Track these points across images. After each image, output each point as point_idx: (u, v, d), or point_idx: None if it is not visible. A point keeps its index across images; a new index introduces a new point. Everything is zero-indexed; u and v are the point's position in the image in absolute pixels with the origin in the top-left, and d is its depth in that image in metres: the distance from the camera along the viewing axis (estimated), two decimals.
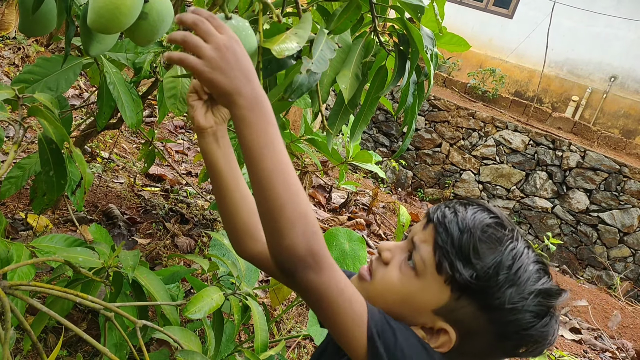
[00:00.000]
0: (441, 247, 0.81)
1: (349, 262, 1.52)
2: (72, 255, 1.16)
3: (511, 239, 0.81)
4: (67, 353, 1.63)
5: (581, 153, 7.18)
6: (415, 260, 0.83)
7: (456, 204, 0.86)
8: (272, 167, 0.72)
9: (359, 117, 1.37)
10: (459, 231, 0.80)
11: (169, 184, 3.47)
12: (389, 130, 8.18)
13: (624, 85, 8.34)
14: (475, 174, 7.71)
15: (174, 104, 1.42)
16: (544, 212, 7.34)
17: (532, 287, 0.80)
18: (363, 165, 1.97)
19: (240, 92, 0.74)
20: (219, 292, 1.20)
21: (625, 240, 6.96)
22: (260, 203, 0.73)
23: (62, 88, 1.52)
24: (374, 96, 1.33)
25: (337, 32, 1.15)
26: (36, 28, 1.14)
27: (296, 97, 0.93)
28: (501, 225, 0.83)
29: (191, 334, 1.07)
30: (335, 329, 0.75)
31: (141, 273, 1.20)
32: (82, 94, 4.61)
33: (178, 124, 5.15)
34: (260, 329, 1.22)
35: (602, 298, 5.15)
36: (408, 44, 1.25)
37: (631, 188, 6.90)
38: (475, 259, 0.78)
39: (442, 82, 8.95)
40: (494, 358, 0.87)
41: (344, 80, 1.17)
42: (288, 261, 0.70)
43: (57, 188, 1.20)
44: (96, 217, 2.56)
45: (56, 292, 0.82)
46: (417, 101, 1.39)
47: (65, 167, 1.19)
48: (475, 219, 0.82)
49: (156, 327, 0.97)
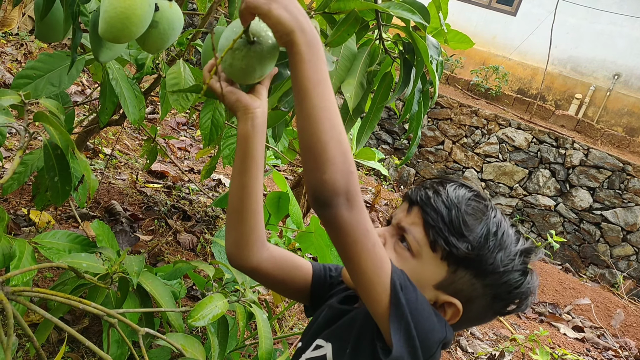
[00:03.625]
0: (433, 226, 0.85)
1: None
2: (77, 260, 1.15)
3: (491, 208, 0.89)
4: (69, 349, 1.63)
5: (584, 151, 7.15)
6: (410, 241, 0.87)
7: (433, 183, 0.91)
8: (322, 104, 0.75)
9: (365, 124, 1.37)
10: (446, 208, 0.85)
11: (172, 180, 3.47)
12: (391, 128, 8.16)
13: (628, 83, 8.31)
14: (478, 172, 7.69)
15: (177, 100, 1.41)
16: (546, 210, 7.32)
17: (515, 248, 0.87)
18: (366, 162, 1.97)
19: (303, 29, 0.75)
20: (223, 299, 1.19)
21: (628, 239, 6.94)
22: (305, 139, 0.75)
23: (65, 84, 1.51)
24: (379, 104, 1.33)
25: (334, 45, 1.13)
26: (50, 34, 1.15)
27: (289, 107, 0.93)
28: (480, 197, 0.89)
29: (195, 340, 1.07)
30: (357, 270, 0.78)
31: (146, 278, 1.20)
32: (84, 91, 4.61)
33: (180, 120, 5.15)
34: (265, 337, 1.21)
35: (604, 296, 5.14)
36: (413, 53, 1.24)
37: (635, 186, 6.87)
38: (467, 232, 0.84)
39: (445, 79, 8.92)
40: (486, 319, 0.94)
41: (349, 89, 1.16)
42: (325, 195, 0.73)
43: (62, 194, 1.20)
44: (98, 214, 2.57)
45: (59, 299, 0.82)
46: (422, 108, 1.39)
47: (70, 173, 1.19)
48: (458, 195, 0.87)
49: (159, 335, 0.97)
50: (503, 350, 2.43)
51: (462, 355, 2.71)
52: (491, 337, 3.11)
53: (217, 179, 3.88)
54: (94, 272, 1.17)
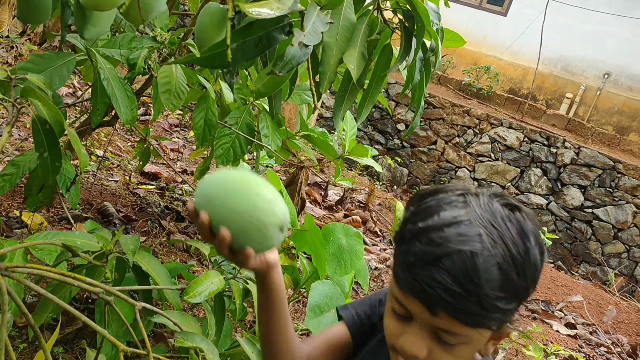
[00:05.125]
0: (474, 319, 0.70)
1: (346, 257, 1.52)
2: (70, 238, 1.15)
3: (537, 242, 0.74)
4: (64, 350, 1.62)
5: (575, 150, 7.20)
6: (458, 341, 0.74)
7: (424, 273, 0.70)
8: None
9: (366, 96, 1.37)
10: (469, 300, 0.68)
11: (165, 182, 3.47)
12: (384, 128, 8.18)
13: (618, 82, 8.38)
14: (470, 171, 7.72)
15: (169, 99, 1.41)
16: (538, 208, 7.36)
17: (533, 247, 0.75)
18: (359, 159, 1.97)
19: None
20: (219, 276, 1.19)
21: (619, 236, 6.99)
22: None
23: (56, 84, 1.51)
24: (380, 74, 1.32)
25: (330, 7, 1.13)
26: (33, 14, 1.11)
27: (286, 71, 0.91)
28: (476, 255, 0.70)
29: (191, 318, 1.07)
30: None
31: (142, 257, 1.19)
32: (76, 93, 4.60)
33: (173, 122, 5.13)
34: None
35: (596, 294, 5.17)
36: (413, 20, 1.24)
37: (625, 184, 6.92)
38: (532, 285, 0.73)
39: (437, 79, 8.96)
40: None
41: (351, 60, 1.15)
42: None
43: (52, 170, 1.18)
44: (91, 215, 2.56)
45: (53, 275, 0.81)
46: (425, 78, 1.39)
47: (59, 149, 1.17)
48: (490, 274, 0.69)
49: (156, 309, 0.96)
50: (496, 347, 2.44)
51: None
52: None
53: None
54: (89, 249, 1.17)
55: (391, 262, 0.81)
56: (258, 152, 2.39)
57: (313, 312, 1.26)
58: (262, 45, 0.92)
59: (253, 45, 0.91)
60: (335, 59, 1.15)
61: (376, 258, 3.77)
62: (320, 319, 1.26)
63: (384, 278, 3.38)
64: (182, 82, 1.47)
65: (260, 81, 1.45)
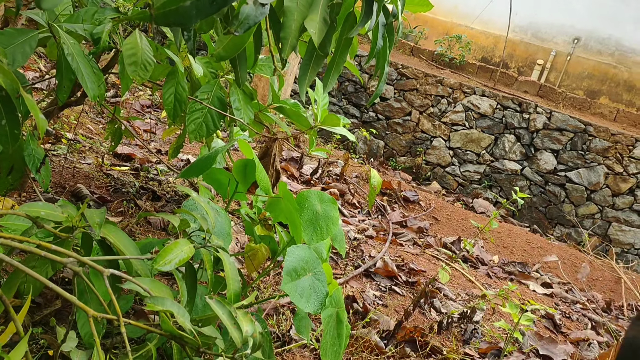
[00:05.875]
0: None
1: (322, 223, 1.53)
2: (34, 209, 1.14)
3: None
4: (43, 330, 1.62)
5: (547, 115, 7.31)
6: None
7: None
8: None
9: (332, 64, 1.37)
10: None
11: (139, 162, 3.43)
12: (358, 101, 8.18)
13: (587, 46, 8.48)
14: (445, 141, 7.79)
15: (135, 71, 1.39)
16: (513, 174, 7.48)
17: None
18: (332, 129, 1.97)
19: None
20: (189, 245, 1.19)
21: (592, 198, 7.16)
22: None
23: (19, 61, 1.47)
24: (345, 42, 1.32)
25: None
26: None
27: (242, 30, 0.90)
28: None
29: (162, 284, 1.07)
30: None
31: (109, 231, 1.18)
32: (43, 77, 4.49)
33: (145, 103, 5.06)
34: (232, 279, 1.22)
35: (571, 253, 5.31)
36: None
37: (596, 146, 7.07)
38: None
39: (410, 50, 8.96)
40: None
41: (312, 24, 1.14)
42: None
43: (11, 138, 1.15)
44: (64, 198, 2.52)
45: (17, 244, 0.80)
46: (388, 44, 1.39)
47: (17, 117, 1.15)
48: None
49: (125, 275, 0.96)
50: (474, 307, 2.50)
51: (436, 315, 2.78)
52: (463, 297, 3.19)
53: (186, 159, 3.85)
54: (53, 220, 1.15)
55: None
56: (231, 127, 2.38)
57: (289, 276, 1.27)
58: (217, 3, 0.90)
59: (208, 3, 0.89)
60: (297, 24, 1.14)
61: (355, 229, 3.80)
62: (297, 283, 1.27)
63: (363, 248, 3.42)
64: (148, 54, 1.45)
65: (220, 44, 1.43)
